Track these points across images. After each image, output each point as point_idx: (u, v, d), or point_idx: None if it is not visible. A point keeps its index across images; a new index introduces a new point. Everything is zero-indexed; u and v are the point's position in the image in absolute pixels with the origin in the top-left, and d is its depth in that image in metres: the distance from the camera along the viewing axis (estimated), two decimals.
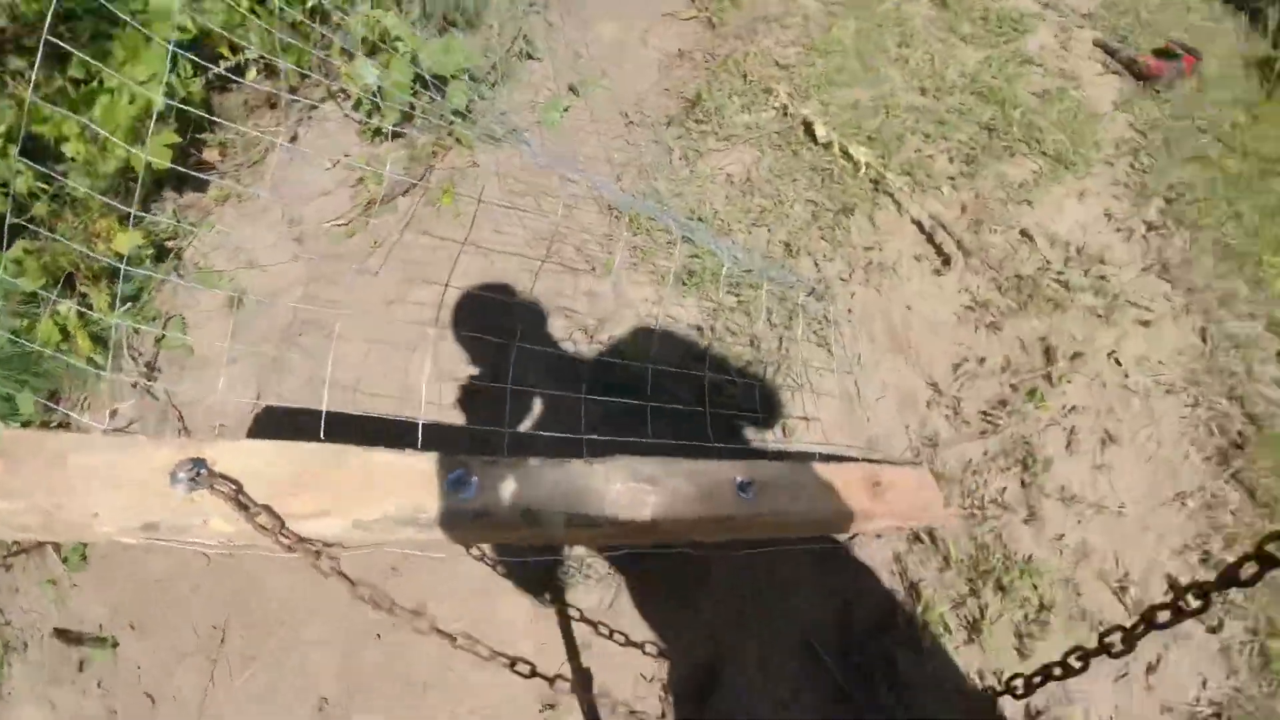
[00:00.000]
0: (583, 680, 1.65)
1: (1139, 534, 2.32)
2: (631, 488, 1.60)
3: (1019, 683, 1.69)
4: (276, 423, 2.25)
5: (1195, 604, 1.07)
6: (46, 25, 1.50)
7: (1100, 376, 2.59)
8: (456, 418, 2.31)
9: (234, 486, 1.22)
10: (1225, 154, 3.39)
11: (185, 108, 2.45)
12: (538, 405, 2.36)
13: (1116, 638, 1.31)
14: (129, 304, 2.36)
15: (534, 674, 1.73)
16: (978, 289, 2.76)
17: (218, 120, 2.75)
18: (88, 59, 2.16)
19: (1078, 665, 1.47)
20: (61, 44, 1.98)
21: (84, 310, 2.25)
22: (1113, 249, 2.93)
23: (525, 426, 2.31)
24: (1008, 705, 2.00)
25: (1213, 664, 2.13)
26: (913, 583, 2.17)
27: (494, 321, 2.48)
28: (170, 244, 2.51)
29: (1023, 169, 3.18)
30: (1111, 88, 3.62)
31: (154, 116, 2.33)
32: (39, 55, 1.60)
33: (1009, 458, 2.41)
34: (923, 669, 2.06)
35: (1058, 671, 1.53)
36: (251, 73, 2.79)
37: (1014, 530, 2.29)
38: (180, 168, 2.53)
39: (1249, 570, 0.93)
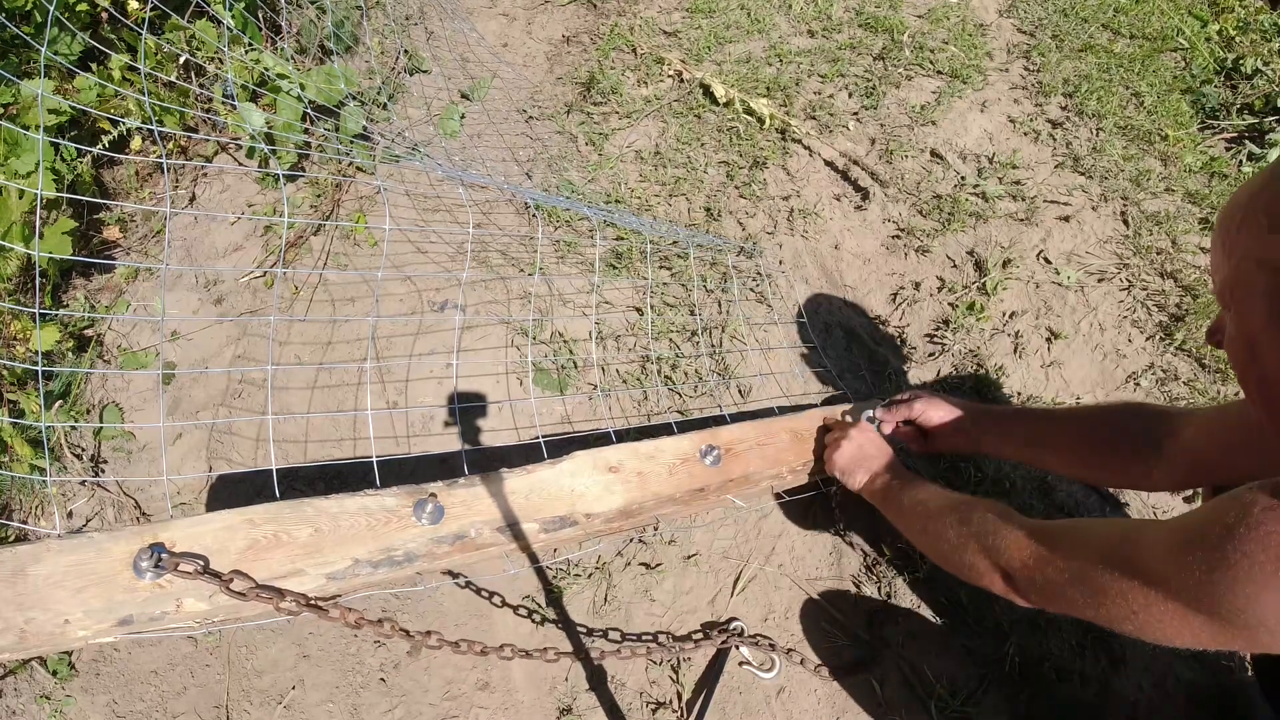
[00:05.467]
0: (595, 678, 1.66)
1: None
2: (598, 479, 1.60)
3: None
4: (232, 490, 2.21)
5: None
6: None
7: (1033, 278, 2.63)
8: (414, 446, 2.29)
9: (199, 562, 1.19)
10: (1114, 39, 3.46)
11: (76, 196, 2.39)
12: (491, 414, 2.34)
13: None
14: (60, 401, 2.29)
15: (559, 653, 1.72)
16: (900, 216, 2.79)
17: (111, 198, 2.67)
18: None
19: None
20: None
21: (16, 419, 2.18)
22: (1022, 152, 2.97)
23: (481, 439, 2.29)
24: None
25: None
26: None
27: (431, 341, 2.45)
28: (89, 332, 2.44)
29: (922, 92, 3.21)
30: None
31: (41, 205, 2.26)
32: None
33: (962, 373, 2.45)
34: (919, 594, 2.09)
35: None
36: (136, 142, 2.71)
37: None
38: (84, 255, 2.48)
39: None
